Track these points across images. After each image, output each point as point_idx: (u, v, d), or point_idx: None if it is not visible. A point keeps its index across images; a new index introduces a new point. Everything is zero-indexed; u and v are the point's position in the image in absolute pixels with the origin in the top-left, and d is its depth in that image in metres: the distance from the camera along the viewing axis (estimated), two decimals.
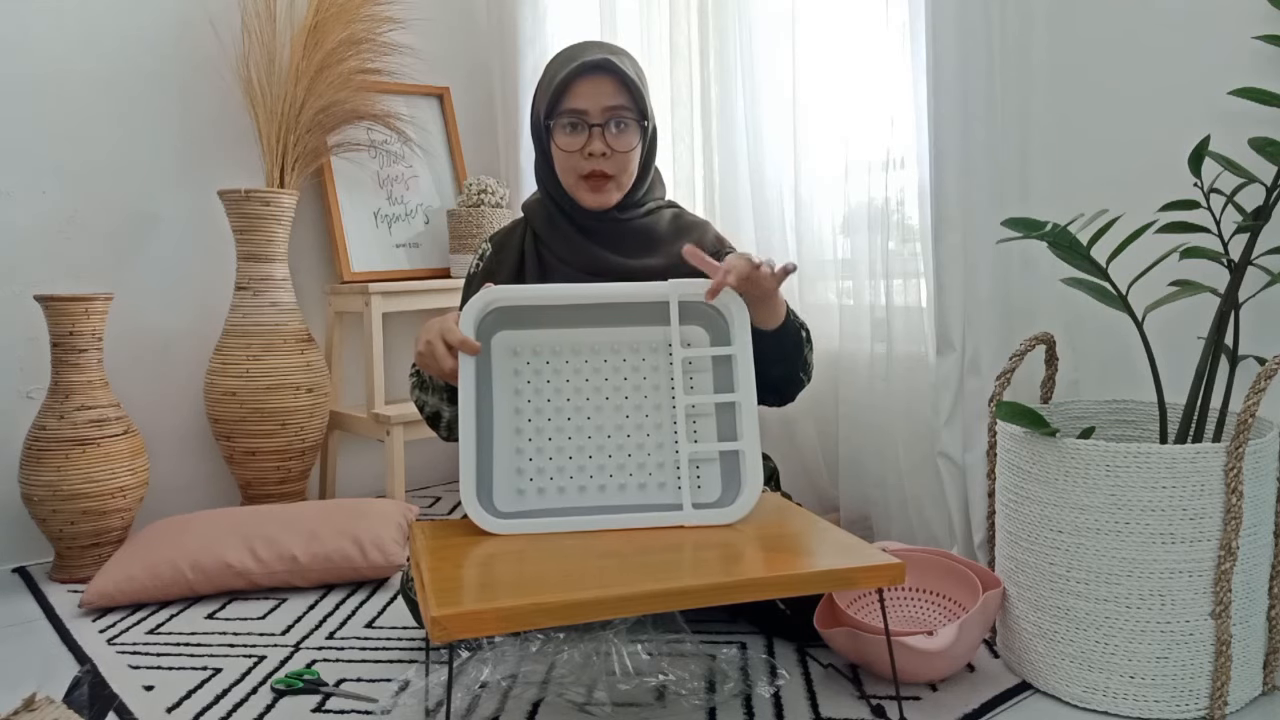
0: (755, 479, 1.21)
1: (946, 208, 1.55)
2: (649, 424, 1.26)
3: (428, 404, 1.41)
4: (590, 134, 1.35)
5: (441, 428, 1.43)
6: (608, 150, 1.36)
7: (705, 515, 1.20)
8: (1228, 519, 1.14)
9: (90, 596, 1.62)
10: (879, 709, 1.21)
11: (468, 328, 1.21)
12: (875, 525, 1.79)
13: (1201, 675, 1.17)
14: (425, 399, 1.41)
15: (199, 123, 2.16)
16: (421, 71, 2.45)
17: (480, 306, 1.24)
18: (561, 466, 1.23)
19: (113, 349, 2.01)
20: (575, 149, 1.36)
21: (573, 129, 1.36)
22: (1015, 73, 1.50)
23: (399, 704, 1.26)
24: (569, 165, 1.38)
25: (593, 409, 1.25)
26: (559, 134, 1.37)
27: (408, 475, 2.44)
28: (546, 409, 1.25)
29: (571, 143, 1.36)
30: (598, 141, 1.35)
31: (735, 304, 1.24)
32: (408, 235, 2.39)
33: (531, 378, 1.26)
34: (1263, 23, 1.29)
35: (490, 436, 1.23)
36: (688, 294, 1.26)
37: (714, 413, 1.26)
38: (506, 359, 1.26)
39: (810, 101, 1.82)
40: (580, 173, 1.37)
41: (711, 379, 1.27)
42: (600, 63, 1.35)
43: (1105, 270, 1.24)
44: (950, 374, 1.58)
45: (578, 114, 1.35)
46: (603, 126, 1.35)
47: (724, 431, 1.25)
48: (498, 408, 1.24)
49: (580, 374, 1.26)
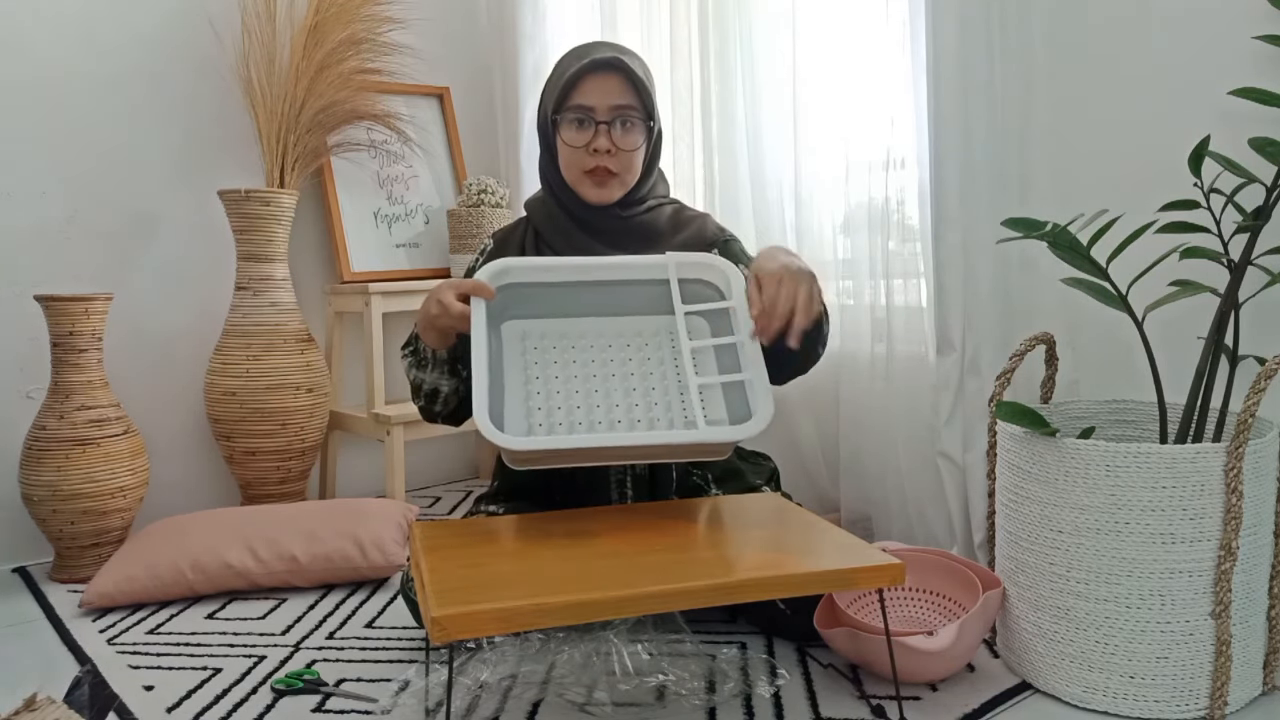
0: (766, 404, 1.19)
1: (946, 208, 1.55)
2: (654, 378, 1.30)
3: (425, 381, 1.38)
4: (596, 130, 1.36)
5: (439, 403, 1.40)
6: (612, 147, 1.36)
7: (720, 431, 1.19)
8: (1228, 519, 1.14)
9: (90, 596, 1.62)
10: (879, 709, 1.21)
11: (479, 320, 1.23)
12: (875, 525, 1.79)
13: (1201, 675, 1.17)
14: (423, 376, 1.38)
15: (199, 123, 2.16)
16: (421, 71, 2.45)
17: (493, 273, 1.27)
18: (571, 414, 1.25)
19: (113, 349, 2.01)
20: (581, 144, 1.37)
21: (579, 125, 1.37)
22: (1015, 72, 1.50)
23: (399, 704, 1.26)
24: (574, 160, 1.39)
25: (600, 369, 1.30)
26: (565, 129, 1.38)
27: (408, 475, 2.44)
28: (556, 376, 1.29)
29: (577, 138, 1.37)
30: (603, 138, 1.36)
31: (729, 269, 1.30)
32: (408, 235, 2.39)
33: (539, 359, 1.30)
34: (1263, 23, 1.29)
35: (501, 400, 1.24)
36: (685, 263, 1.31)
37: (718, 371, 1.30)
38: (515, 341, 1.30)
39: (810, 101, 1.82)
40: (584, 168, 1.38)
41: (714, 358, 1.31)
42: (610, 60, 1.36)
43: (1105, 270, 1.24)
44: (950, 374, 1.58)
45: (585, 110, 1.36)
46: (609, 124, 1.36)
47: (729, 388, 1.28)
48: (508, 376, 1.27)
49: (587, 354, 1.31)
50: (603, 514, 1.27)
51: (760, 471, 1.54)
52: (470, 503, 2.33)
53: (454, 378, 1.38)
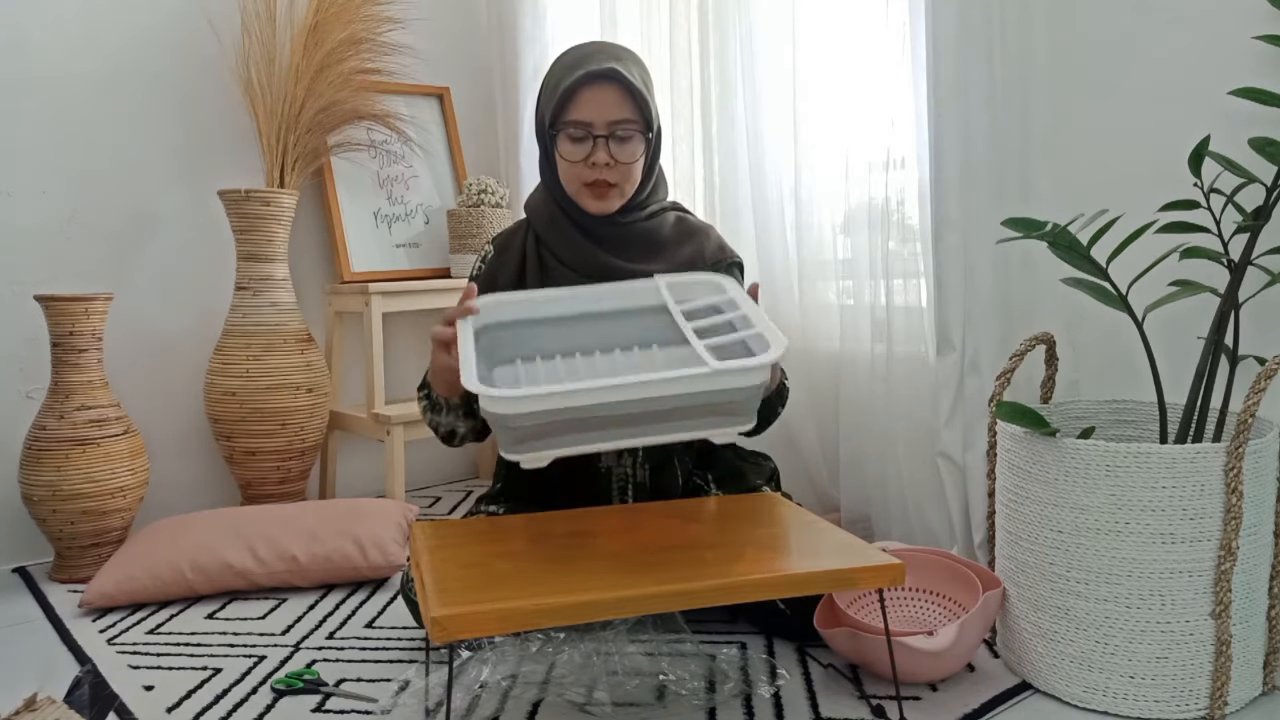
0: (779, 339, 1.12)
1: (946, 208, 1.55)
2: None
3: (442, 424, 1.40)
4: (595, 145, 1.35)
5: (457, 441, 1.43)
6: (611, 161, 1.35)
7: (729, 364, 1.07)
8: (1228, 519, 1.14)
9: (90, 596, 1.62)
10: (879, 709, 1.21)
11: (466, 335, 1.21)
12: (875, 525, 1.79)
13: (1201, 675, 1.17)
14: (439, 420, 1.40)
15: (199, 123, 2.16)
16: (421, 71, 2.45)
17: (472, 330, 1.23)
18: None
19: (113, 349, 2.01)
20: (579, 159, 1.36)
21: (577, 140, 1.35)
22: (1015, 73, 1.50)
23: (399, 704, 1.26)
24: (573, 174, 1.38)
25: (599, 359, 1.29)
26: (563, 143, 1.37)
27: (408, 475, 2.44)
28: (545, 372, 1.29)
29: (575, 152, 1.36)
30: (601, 152, 1.35)
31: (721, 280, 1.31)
32: (408, 235, 2.39)
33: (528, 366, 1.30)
34: (1263, 23, 1.29)
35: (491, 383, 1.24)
36: (676, 284, 1.29)
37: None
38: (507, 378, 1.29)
39: (810, 101, 1.82)
40: (584, 180, 1.37)
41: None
42: (606, 72, 1.33)
43: (1105, 270, 1.24)
44: (950, 374, 1.58)
45: (582, 125, 1.34)
46: (607, 138, 1.35)
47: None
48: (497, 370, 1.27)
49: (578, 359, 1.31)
50: (603, 514, 1.27)
51: (760, 471, 1.54)
52: (470, 503, 2.33)
53: (470, 419, 1.39)
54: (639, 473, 1.43)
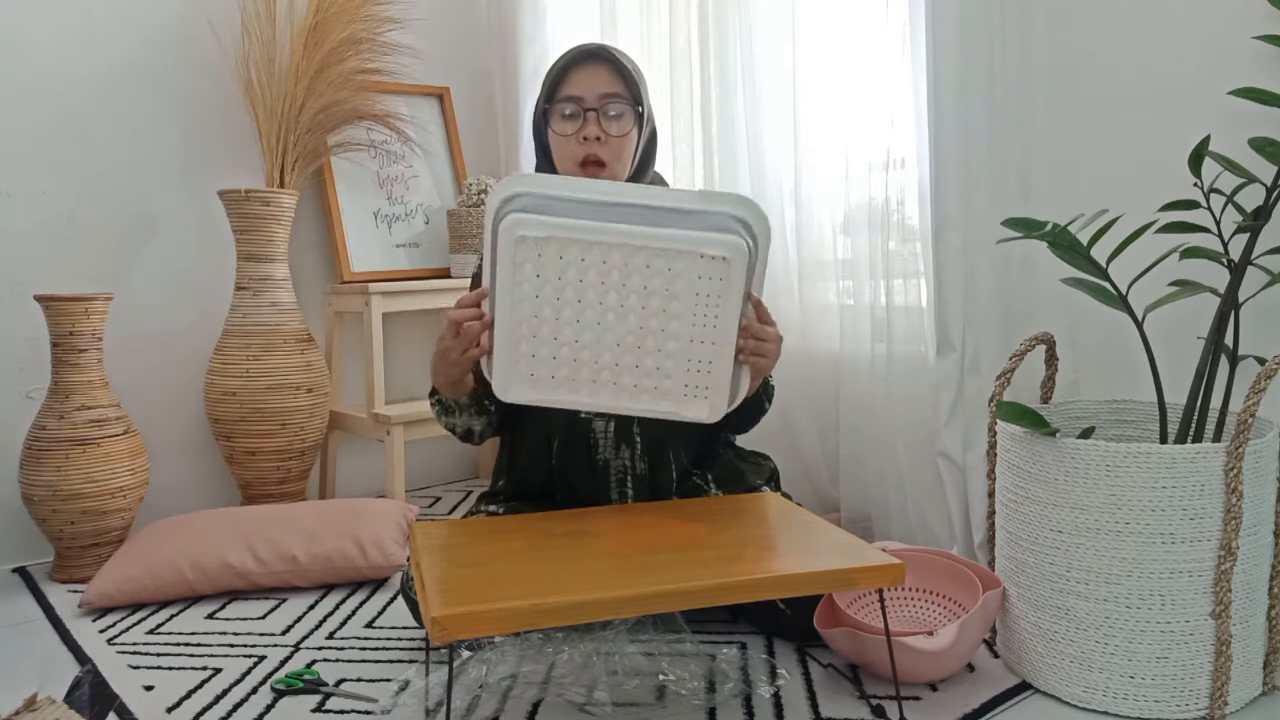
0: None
1: (946, 208, 1.55)
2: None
3: (457, 425, 1.42)
4: (585, 119, 1.38)
5: (476, 439, 1.44)
6: (602, 134, 1.37)
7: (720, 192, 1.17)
8: (1228, 519, 1.14)
9: (90, 596, 1.62)
10: (879, 709, 1.21)
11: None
12: (875, 525, 1.79)
13: (1201, 675, 1.17)
14: (454, 421, 1.41)
15: (199, 123, 2.16)
16: (421, 71, 2.45)
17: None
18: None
19: (113, 349, 2.01)
20: (571, 133, 1.39)
21: (569, 115, 1.39)
22: (1015, 73, 1.50)
23: (399, 704, 1.26)
24: (566, 153, 1.40)
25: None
26: (556, 120, 1.40)
27: (408, 475, 2.44)
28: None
29: (567, 127, 1.39)
30: (592, 125, 1.38)
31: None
32: (408, 235, 2.39)
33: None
34: (1263, 23, 1.29)
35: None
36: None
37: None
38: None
39: (810, 102, 1.82)
40: (576, 159, 1.39)
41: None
42: (596, 50, 1.39)
43: (1105, 270, 1.24)
44: (950, 374, 1.58)
45: (574, 100, 1.38)
46: (598, 111, 1.38)
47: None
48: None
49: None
50: (603, 514, 1.27)
51: (760, 471, 1.54)
52: (470, 503, 2.33)
53: (483, 415, 1.41)
54: (638, 465, 1.43)
